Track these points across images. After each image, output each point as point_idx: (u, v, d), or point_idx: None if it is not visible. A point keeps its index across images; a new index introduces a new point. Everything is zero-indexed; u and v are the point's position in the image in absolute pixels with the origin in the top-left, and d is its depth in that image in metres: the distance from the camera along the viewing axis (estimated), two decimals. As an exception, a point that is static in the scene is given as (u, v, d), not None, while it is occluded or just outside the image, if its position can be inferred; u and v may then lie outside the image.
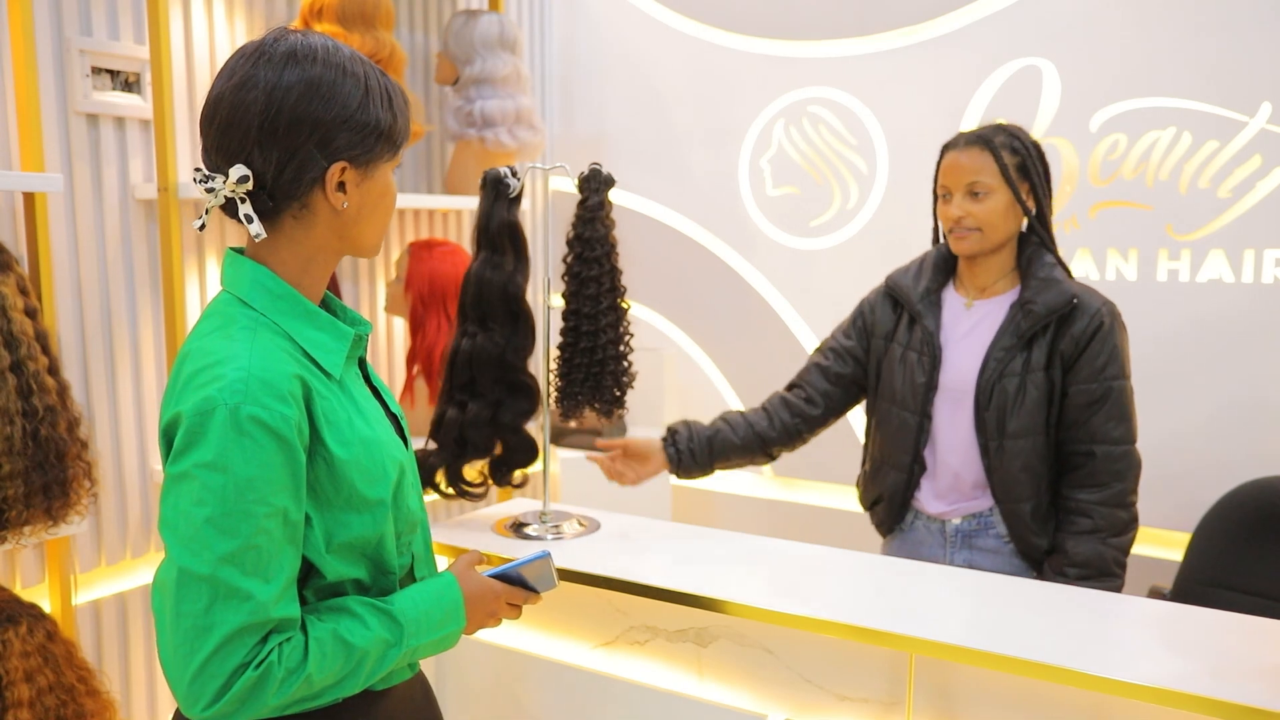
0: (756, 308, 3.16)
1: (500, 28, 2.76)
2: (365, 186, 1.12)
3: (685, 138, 3.22)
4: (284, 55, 1.06)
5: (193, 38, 2.33)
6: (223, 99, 1.06)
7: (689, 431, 2.06)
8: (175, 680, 1.00)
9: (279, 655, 1.01)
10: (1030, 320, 1.84)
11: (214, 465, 0.99)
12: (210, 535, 0.98)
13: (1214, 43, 2.42)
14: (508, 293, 1.77)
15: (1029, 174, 1.88)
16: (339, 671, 1.07)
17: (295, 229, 1.11)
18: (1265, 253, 2.41)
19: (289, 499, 1.03)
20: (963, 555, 1.94)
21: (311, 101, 1.05)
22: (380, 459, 1.13)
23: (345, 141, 1.07)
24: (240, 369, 1.01)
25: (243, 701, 1.00)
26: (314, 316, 1.12)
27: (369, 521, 1.12)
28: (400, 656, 1.13)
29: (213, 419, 0.99)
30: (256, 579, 1.00)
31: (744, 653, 1.61)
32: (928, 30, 2.80)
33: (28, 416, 1.77)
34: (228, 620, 0.98)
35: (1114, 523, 1.83)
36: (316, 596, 1.12)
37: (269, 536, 1.01)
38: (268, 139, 1.05)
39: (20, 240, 2.00)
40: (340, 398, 1.12)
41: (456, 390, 1.81)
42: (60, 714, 1.81)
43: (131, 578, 2.28)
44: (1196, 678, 1.26)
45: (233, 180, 1.05)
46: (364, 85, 1.09)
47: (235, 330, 1.06)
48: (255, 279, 1.10)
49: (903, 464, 1.98)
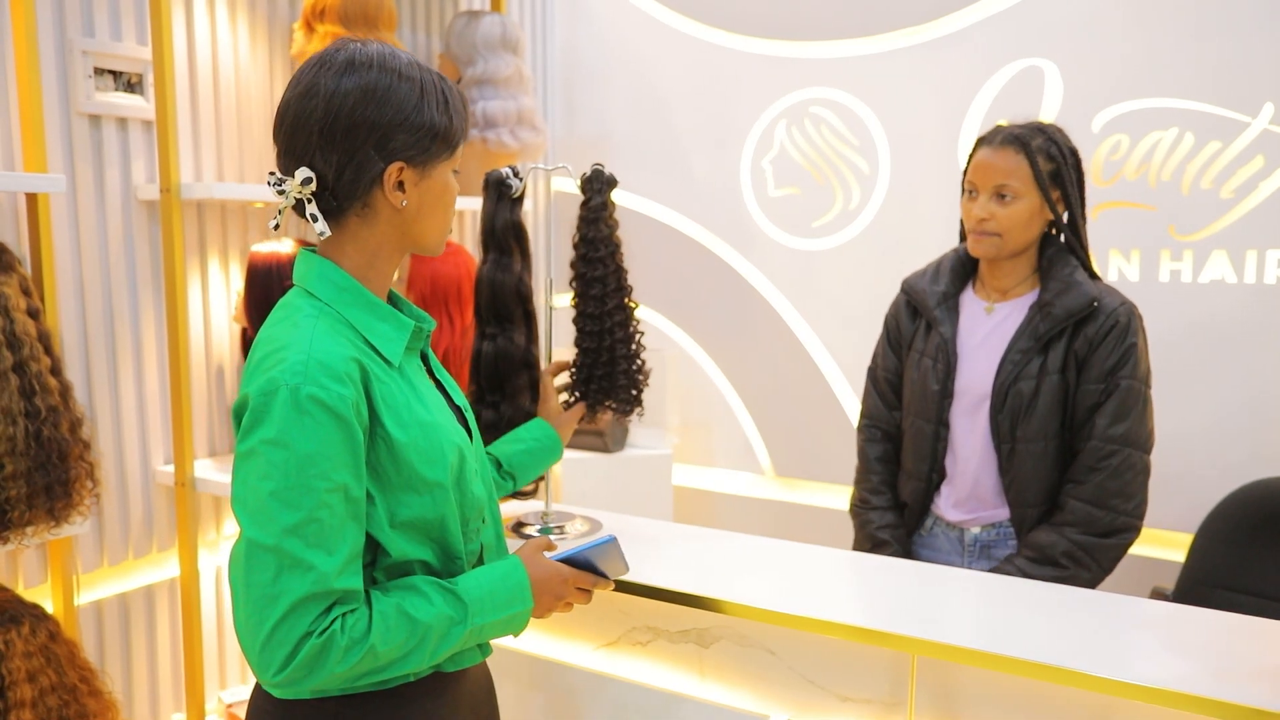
0: (758, 308, 3.16)
1: (502, 28, 2.76)
2: (424, 186, 1.17)
3: (687, 138, 3.22)
4: (343, 64, 1.13)
5: (195, 39, 2.33)
6: (289, 107, 1.14)
7: (898, 549, 2.01)
8: (248, 649, 1.06)
9: (342, 625, 1.06)
10: (1049, 323, 1.80)
11: (276, 442, 1.05)
12: (275, 508, 1.04)
13: (1216, 43, 2.42)
14: (520, 294, 1.77)
15: (1062, 181, 1.83)
16: (403, 645, 1.11)
17: (360, 227, 1.17)
18: (1268, 253, 2.41)
19: (349, 475, 1.08)
20: (981, 565, 1.91)
21: (368, 106, 1.11)
22: (438, 442, 1.17)
23: (401, 143, 1.13)
24: (301, 352, 1.08)
25: (309, 669, 1.04)
26: (376, 307, 1.18)
27: (429, 502, 1.16)
28: (466, 635, 1.16)
29: (275, 399, 1.05)
30: (319, 551, 1.05)
31: (746, 653, 1.61)
32: (930, 31, 2.79)
33: (30, 417, 1.78)
34: (293, 589, 1.03)
35: (1083, 518, 1.78)
36: (386, 576, 1.17)
37: (330, 510, 1.06)
38: (328, 142, 1.11)
39: (23, 241, 2.00)
40: (399, 383, 1.17)
41: (488, 392, 1.80)
42: (63, 714, 1.81)
43: (133, 578, 2.28)
44: (1199, 679, 1.26)
45: (297, 182, 1.13)
46: (419, 89, 1.14)
47: (300, 319, 1.13)
48: (321, 273, 1.17)
49: (920, 472, 1.95)
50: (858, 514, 2.07)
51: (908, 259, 2.30)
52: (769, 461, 3.22)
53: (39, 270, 1.95)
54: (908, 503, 2.00)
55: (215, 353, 2.43)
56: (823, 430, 3.09)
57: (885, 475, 2.05)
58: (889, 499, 2.03)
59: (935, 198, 2.80)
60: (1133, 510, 1.80)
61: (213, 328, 2.41)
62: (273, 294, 2.26)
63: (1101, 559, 1.80)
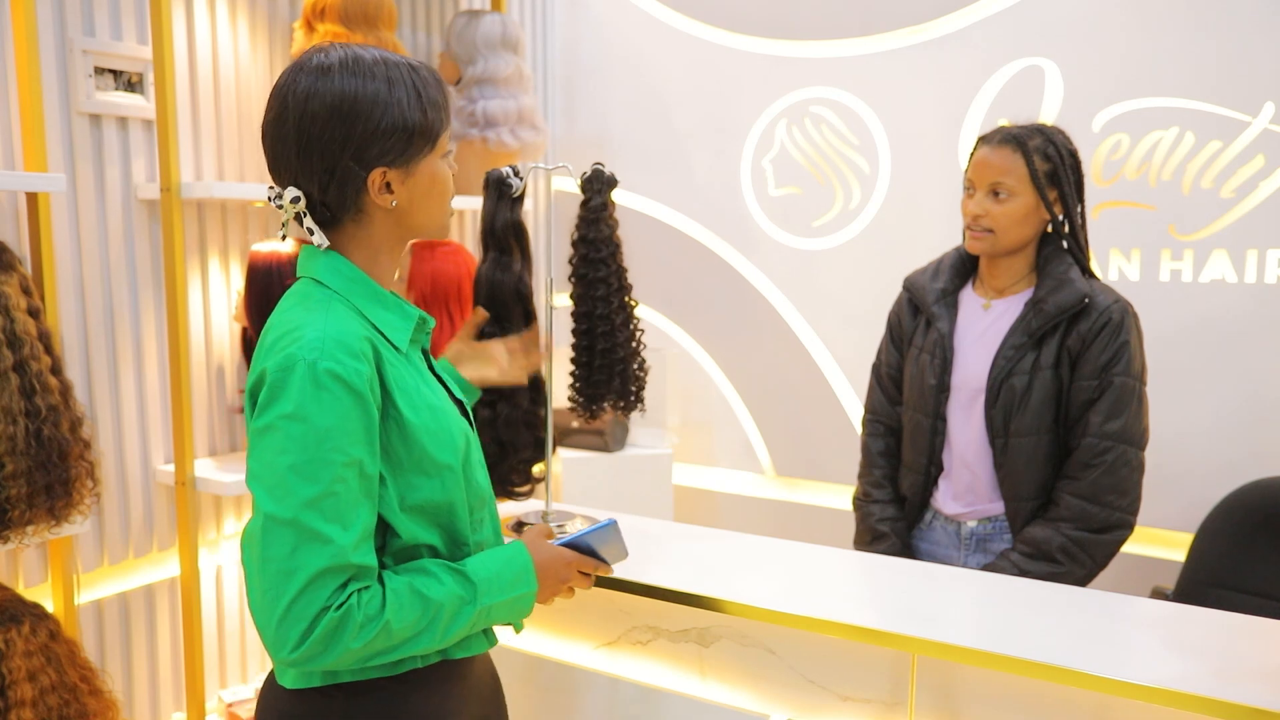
0: (759, 308, 3.16)
1: (503, 28, 2.76)
2: (411, 182, 1.19)
3: (687, 138, 3.22)
4: (307, 84, 1.13)
5: (195, 38, 2.33)
6: (266, 133, 1.17)
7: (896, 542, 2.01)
8: (264, 625, 1.07)
9: (358, 600, 1.07)
10: (1041, 319, 1.82)
11: (294, 416, 1.06)
12: (293, 481, 1.05)
13: (1217, 43, 2.42)
14: (519, 293, 1.77)
15: (1059, 181, 1.84)
16: (416, 623, 1.12)
17: (357, 230, 1.20)
18: (1268, 253, 2.41)
19: (364, 451, 1.10)
20: (977, 559, 1.92)
21: (336, 124, 1.12)
22: (448, 426, 1.20)
23: (378, 150, 1.14)
24: (317, 330, 1.10)
25: (326, 644, 1.05)
26: (382, 298, 1.21)
27: (438, 486, 1.18)
28: (475, 615, 1.18)
29: (293, 374, 1.07)
30: (336, 525, 1.06)
31: (746, 653, 1.61)
32: (930, 30, 2.79)
33: (30, 416, 1.77)
34: (310, 563, 1.04)
35: (1078, 513, 1.79)
36: (395, 560, 1.18)
37: (346, 485, 1.07)
38: (306, 164, 1.14)
39: (23, 240, 2.00)
40: (408, 368, 1.20)
41: (485, 391, 1.81)
42: (63, 713, 1.81)
43: (134, 577, 2.28)
44: (1199, 678, 1.26)
45: (288, 201, 1.16)
46: (387, 90, 1.14)
47: (311, 303, 1.15)
48: (330, 264, 1.19)
49: (919, 466, 1.97)
50: (859, 507, 2.10)
51: (908, 258, 2.30)
52: (769, 461, 3.22)
53: (39, 269, 1.95)
54: (907, 496, 2.01)
55: (215, 352, 2.42)
56: (823, 430, 3.09)
57: (887, 469, 2.07)
58: (890, 493, 2.05)
59: (935, 197, 2.80)
60: (1127, 506, 1.81)
61: (213, 327, 2.41)
62: (273, 293, 2.26)
63: (1096, 555, 1.81)
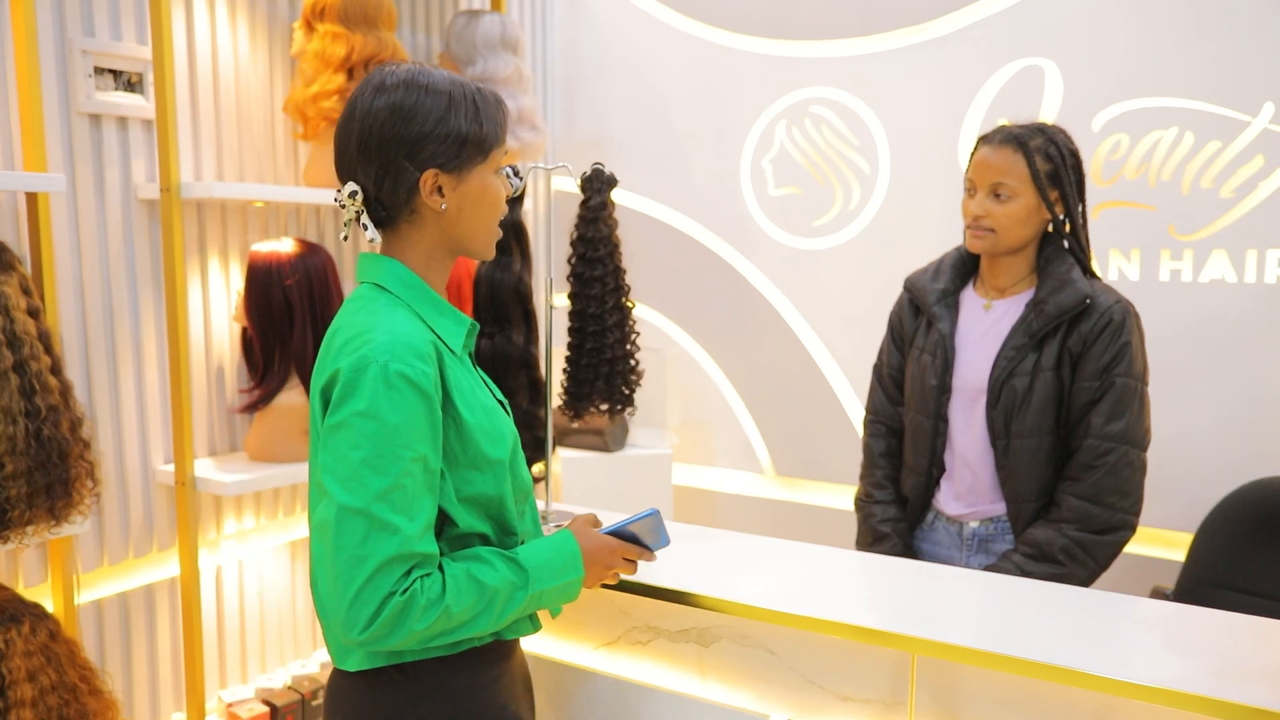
0: (758, 308, 3.16)
1: (502, 28, 2.76)
2: (461, 190, 1.27)
3: (687, 138, 3.22)
4: (374, 87, 1.25)
5: (195, 38, 2.33)
6: (337, 132, 1.28)
7: (898, 543, 2.02)
8: (334, 608, 1.14)
9: (421, 586, 1.16)
10: (1042, 320, 1.82)
11: (367, 413, 1.14)
12: (365, 474, 1.14)
13: (1216, 43, 2.42)
14: (519, 293, 1.77)
15: (1060, 181, 1.84)
16: (473, 607, 1.20)
17: (410, 232, 1.29)
18: (1268, 253, 2.41)
19: (428, 448, 1.18)
20: (978, 559, 1.92)
21: (395, 123, 1.22)
22: (499, 425, 1.30)
23: (431, 151, 1.24)
24: (387, 334, 1.19)
25: (392, 626, 1.14)
26: (438, 304, 1.30)
27: (490, 480, 1.27)
28: (527, 599, 1.26)
29: (366, 374, 1.15)
30: (403, 516, 1.15)
31: (746, 653, 1.61)
32: (930, 30, 2.80)
33: (30, 416, 1.77)
34: (380, 551, 1.13)
35: (1081, 515, 1.79)
36: (451, 547, 1.27)
37: (413, 479, 1.16)
38: (365, 158, 1.24)
39: (23, 240, 2.00)
40: (463, 371, 1.29)
41: None
42: (63, 713, 1.81)
43: (134, 577, 2.28)
44: (1199, 678, 1.26)
45: (345, 194, 1.26)
46: (448, 101, 1.24)
47: (378, 307, 1.24)
48: (391, 270, 1.28)
49: (920, 467, 1.97)
50: (861, 507, 2.10)
51: (908, 258, 2.30)
52: (769, 461, 3.22)
53: (39, 269, 1.95)
54: (909, 497, 2.01)
55: (215, 352, 2.42)
56: (823, 430, 3.09)
57: (889, 470, 2.07)
58: (892, 493, 2.05)
59: (935, 197, 2.80)
60: (1129, 508, 1.81)
61: (213, 327, 2.41)
62: (272, 293, 2.26)
63: (1098, 556, 1.81)
